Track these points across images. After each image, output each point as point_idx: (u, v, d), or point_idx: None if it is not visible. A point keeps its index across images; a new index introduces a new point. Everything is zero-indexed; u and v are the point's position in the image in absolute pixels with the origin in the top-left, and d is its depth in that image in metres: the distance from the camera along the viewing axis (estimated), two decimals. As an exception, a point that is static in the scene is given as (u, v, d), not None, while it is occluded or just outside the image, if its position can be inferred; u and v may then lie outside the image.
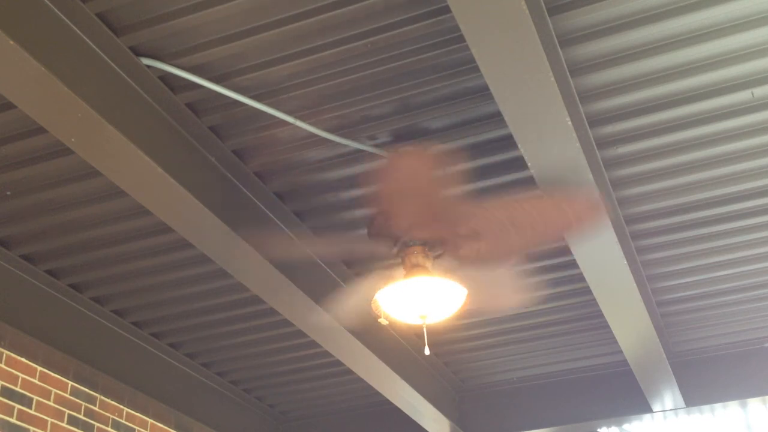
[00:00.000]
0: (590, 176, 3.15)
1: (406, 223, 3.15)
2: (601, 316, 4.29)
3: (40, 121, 2.71)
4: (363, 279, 3.47)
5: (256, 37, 2.82)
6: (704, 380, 5.14)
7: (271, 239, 3.52)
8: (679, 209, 3.80)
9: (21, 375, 3.95)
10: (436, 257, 3.30)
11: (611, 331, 4.36)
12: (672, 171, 3.55)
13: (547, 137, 2.95)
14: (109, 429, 4.45)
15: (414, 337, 4.81)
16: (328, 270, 3.98)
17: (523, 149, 2.99)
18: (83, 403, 4.31)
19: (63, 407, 4.17)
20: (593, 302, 4.21)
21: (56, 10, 2.57)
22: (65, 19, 2.60)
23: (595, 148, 3.37)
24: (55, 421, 4.09)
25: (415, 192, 2.95)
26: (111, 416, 4.48)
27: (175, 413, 4.88)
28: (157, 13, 2.73)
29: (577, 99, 3.12)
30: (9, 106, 2.88)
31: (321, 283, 3.88)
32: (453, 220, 3.13)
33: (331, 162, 3.45)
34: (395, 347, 4.70)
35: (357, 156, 3.41)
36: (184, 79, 2.97)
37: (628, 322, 4.26)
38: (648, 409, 5.23)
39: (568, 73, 2.99)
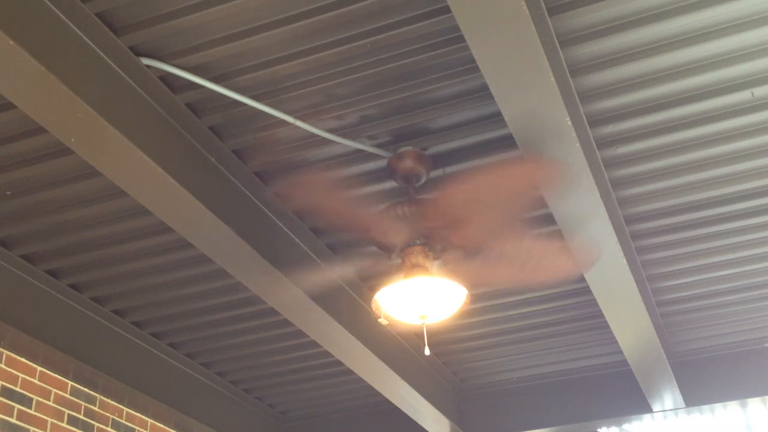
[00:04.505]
0: (591, 177, 3.16)
1: (436, 224, 3.14)
2: (601, 316, 4.29)
3: (40, 121, 2.71)
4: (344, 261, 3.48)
5: (256, 37, 2.82)
6: (704, 380, 5.14)
7: (271, 239, 3.51)
8: (679, 209, 3.80)
9: (21, 375, 3.95)
10: (437, 257, 3.30)
11: (611, 331, 4.36)
12: (672, 171, 3.55)
13: (547, 137, 2.95)
14: (109, 429, 4.45)
15: (414, 337, 4.81)
16: (328, 270, 3.98)
17: (523, 149, 2.99)
18: (83, 403, 4.31)
19: (63, 407, 4.17)
20: (593, 302, 4.21)
21: (56, 10, 2.57)
22: (65, 19, 2.60)
23: (595, 148, 3.37)
24: (55, 421, 4.09)
25: (474, 202, 2.96)
26: (111, 416, 4.48)
27: (175, 413, 4.88)
28: (157, 13, 2.73)
29: (577, 99, 3.11)
30: (9, 106, 2.88)
31: (320, 281, 3.88)
32: (475, 238, 3.13)
33: (331, 162, 3.45)
34: (395, 347, 4.70)
35: (357, 156, 3.41)
36: (184, 79, 2.97)
37: (628, 322, 4.26)
38: (648, 409, 5.23)
39: (568, 73, 2.99)
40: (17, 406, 3.89)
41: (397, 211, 3.20)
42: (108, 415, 4.47)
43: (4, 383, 3.85)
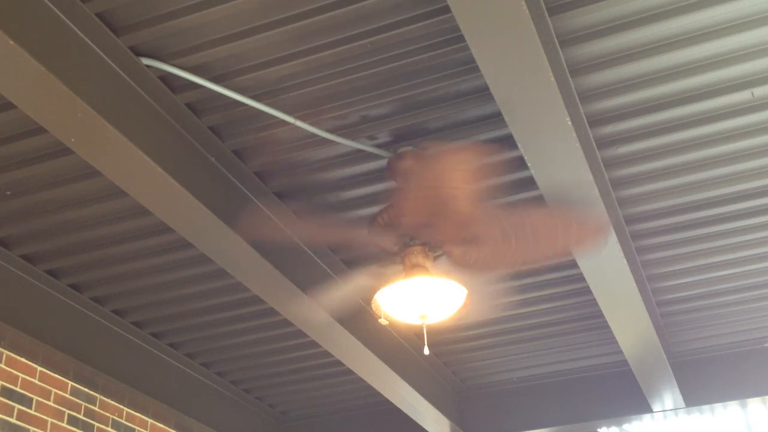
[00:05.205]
0: (590, 176, 3.16)
1: (415, 220, 3.13)
2: (601, 316, 4.29)
3: (40, 121, 2.71)
4: (358, 272, 3.46)
5: (256, 37, 2.82)
6: (704, 380, 5.14)
7: (271, 239, 3.51)
8: (679, 209, 3.80)
9: (21, 375, 3.95)
10: (436, 257, 3.30)
11: (611, 331, 4.36)
12: (672, 171, 3.55)
13: (547, 137, 2.95)
14: (109, 429, 4.45)
15: (414, 337, 4.81)
16: (330, 271, 3.98)
17: (523, 149, 2.99)
18: (83, 403, 4.31)
19: (63, 407, 4.17)
20: (593, 302, 4.21)
21: (56, 10, 2.57)
22: (65, 19, 2.60)
23: (595, 148, 3.37)
24: (55, 421, 4.09)
25: (434, 191, 2.93)
26: (111, 416, 4.48)
27: (175, 413, 4.88)
28: (157, 13, 2.73)
29: (577, 99, 3.11)
30: (9, 106, 2.88)
31: (322, 282, 3.88)
32: (460, 223, 3.12)
33: (331, 162, 3.45)
34: (395, 347, 4.70)
35: (357, 156, 3.41)
36: (184, 79, 2.97)
37: (628, 322, 4.26)
38: (648, 409, 5.23)
39: (568, 73, 2.99)
40: (17, 406, 3.89)
41: (379, 222, 3.21)
42: (108, 415, 4.47)
43: (4, 383, 3.85)
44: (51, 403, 4.10)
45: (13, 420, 3.84)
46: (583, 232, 3.22)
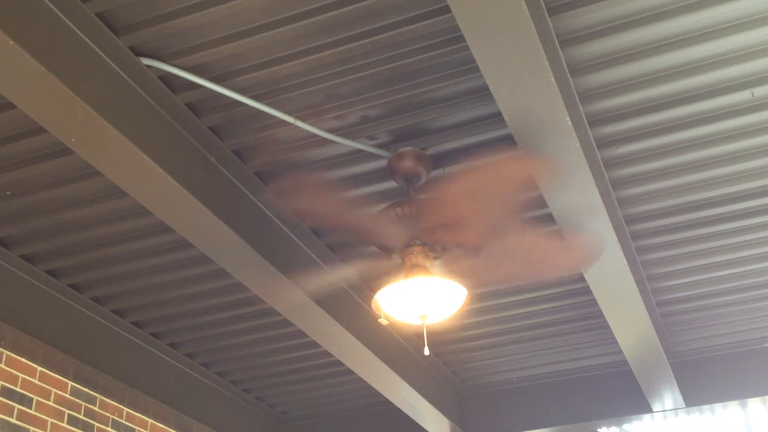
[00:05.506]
0: (590, 176, 3.16)
1: (437, 221, 3.13)
2: (601, 316, 4.29)
3: (40, 121, 2.71)
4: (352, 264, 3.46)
5: (256, 37, 2.82)
6: (704, 380, 5.14)
7: (271, 239, 3.51)
8: (679, 209, 3.80)
9: (21, 375, 3.95)
10: (437, 257, 3.30)
11: (611, 331, 4.36)
12: (672, 171, 3.55)
13: (547, 138, 2.95)
14: (109, 429, 4.45)
15: (414, 337, 4.81)
16: (330, 271, 3.98)
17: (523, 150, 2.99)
18: (83, 403, 4.31)
19: (63, 407, 4.17)
20: (593, 302, 4.21)
21: (56, 10, 2.57)
22: (65, 19, 2.60)
23: (595, 148, 3.37)
24: (55, 421, 4.09)
25: (474, 197, 2.94)
26: (111, 416, 4.49)
27: (175, 413, 4.88)
28: (157, 13, 2.73)
29: (577, 99, 3.11)
30: (9, 106, 2.88)
31: (321, 282, 3.88)
32: (473, 233, 3.13)
33: (331, 162, 3.45)
34: (395, 347, 4.70)
35: (357, 156, 3.41)
36: (184, 79, 2.97)
37: (628, 322, 4.26)
38: (648, 409, 5.23)
39: (568, 73, 2.99)
40: (17, 406, 3.89)
41: (395, 212, 3.20)
42: (108, 415, 4.47)
43: (4, 383, 3.85)
44: (51, 403, 4.10)
45: (13, 420, 3.84)
46: (575, 258, 3.30)
